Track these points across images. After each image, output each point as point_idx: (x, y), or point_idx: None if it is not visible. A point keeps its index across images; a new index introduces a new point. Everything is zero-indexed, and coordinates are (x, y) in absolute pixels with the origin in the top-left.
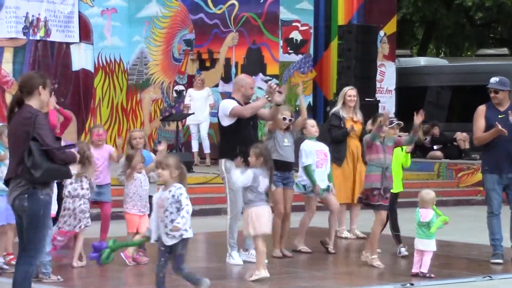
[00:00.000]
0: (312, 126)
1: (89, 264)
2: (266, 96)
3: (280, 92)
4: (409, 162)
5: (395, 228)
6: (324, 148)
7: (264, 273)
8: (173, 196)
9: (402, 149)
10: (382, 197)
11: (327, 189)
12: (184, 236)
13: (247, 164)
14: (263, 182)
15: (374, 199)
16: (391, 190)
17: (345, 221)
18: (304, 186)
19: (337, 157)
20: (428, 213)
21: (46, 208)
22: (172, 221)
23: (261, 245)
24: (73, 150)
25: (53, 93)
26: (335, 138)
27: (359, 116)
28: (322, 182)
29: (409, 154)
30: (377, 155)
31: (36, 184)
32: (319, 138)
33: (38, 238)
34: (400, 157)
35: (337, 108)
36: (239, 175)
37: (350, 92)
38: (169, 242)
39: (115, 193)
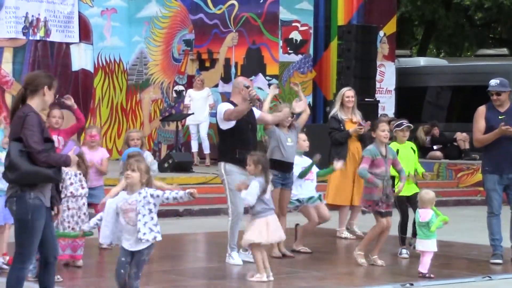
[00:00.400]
0: (304, 140)
1: (89, 264)
2: (249, 102)
3: (258, 100)
4: (422, 169)
5: (403, 230)
6: (309, 162)
7: (265, 277)
8: (144, 197)
9: (414, 151)
10: (387, 205)
11: (319, 198)
12: (157, 239)
13: (245, 164)
14: (266, 190)
15: (381, 207)
16: (406, 194)
17: (345, 221)
18: (297, 200)
19: (338, 159)
20: (427, 213)
21: (35, 212)
22: (145, 224)
23: (258, 255)
24: (71, 152)
25: (69, 96)
26: (336, 140)
27: (358, 117)
28: (311, 192)
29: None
30: (379, 168)
31: (23, 187)
32: (318, 139)
33: (28, 242)
34: (412, 160)
35: (335, 110)
36: (247, 193)
37: (348, 93)
38: (140, 246)
39: None
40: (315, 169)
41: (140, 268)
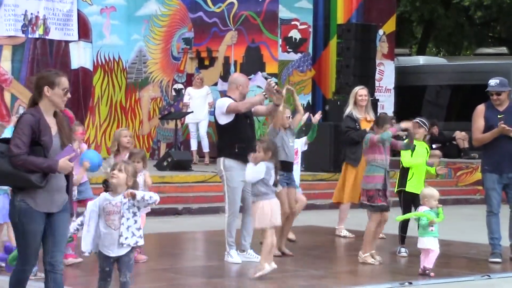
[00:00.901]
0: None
1: (89, 264)
2: (264, 93)
3: (278, 92)
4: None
5: (403, 229)
6: (296, 145)
7: (267, 267)
8: (129, 199)
9: (427, 152)
10: (385, 198)
11: (297, 187)
12: (139, 244)
13: (247, 161)
14: (273, 176)
15: (379, 200)
16: (414, 191)
17: (344, 219)
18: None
19: (353, 158)
20: (422, 210)
21: (21, 215)
22: (128, 228)
23: (270, 237)
24: (65, 158)
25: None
26: (353, 140)
27: (372, 115)
28: (296, 179)
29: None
30: (381, 155)
31: (14, 189)
32: (317, 138)
33: (23, 244)
34: (425, 158)
35: (349, 109)
36: (251, 170)
37: (361, 91)
38: (122, 252)
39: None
40: (300, 147)
41: (130, 269)
